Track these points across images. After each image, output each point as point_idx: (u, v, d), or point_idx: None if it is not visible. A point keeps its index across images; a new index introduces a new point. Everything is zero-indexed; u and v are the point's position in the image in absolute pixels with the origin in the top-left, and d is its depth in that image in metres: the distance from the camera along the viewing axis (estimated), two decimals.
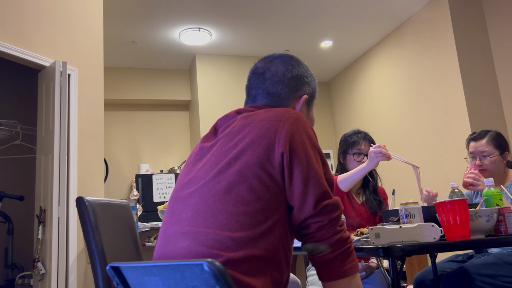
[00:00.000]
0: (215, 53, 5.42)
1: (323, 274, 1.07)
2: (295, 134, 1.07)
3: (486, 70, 4.20)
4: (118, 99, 5.50)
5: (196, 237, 1.00)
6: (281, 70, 1.25)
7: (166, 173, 5.12)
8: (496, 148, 2.14)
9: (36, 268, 2.82)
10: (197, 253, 0.98)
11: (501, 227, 1.57)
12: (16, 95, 4.57)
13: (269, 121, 1.09)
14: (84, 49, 3.46)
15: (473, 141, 2.20)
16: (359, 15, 4.67)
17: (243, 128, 1.11)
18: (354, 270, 1.07)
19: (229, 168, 1.05)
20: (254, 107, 1.22)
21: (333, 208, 1.07)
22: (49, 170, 2.92)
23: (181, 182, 1.16)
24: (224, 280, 0.84)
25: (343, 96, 6.21)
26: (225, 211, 1.01)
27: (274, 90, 1.23)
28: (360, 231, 1.61)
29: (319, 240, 1.06)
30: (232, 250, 0.97)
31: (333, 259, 1.06)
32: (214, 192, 1.04)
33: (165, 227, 1.11)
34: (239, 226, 0.99)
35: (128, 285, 1.07)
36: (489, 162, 2.12)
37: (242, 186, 1.02)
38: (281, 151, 1.04)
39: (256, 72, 1.27)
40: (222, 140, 1.13)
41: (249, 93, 1.28)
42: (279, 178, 1.05)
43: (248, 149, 1.06)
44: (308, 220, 1.05)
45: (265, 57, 1.30)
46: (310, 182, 1.05)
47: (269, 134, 1.06)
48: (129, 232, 1.59)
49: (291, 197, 1.06)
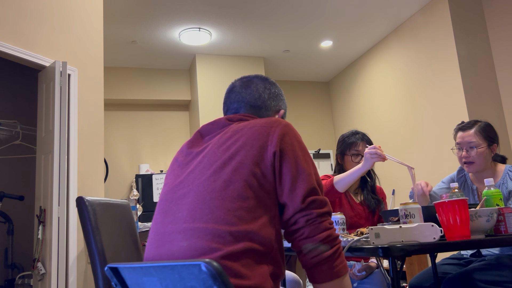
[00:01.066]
0: (215, 53, 5.42)
1: (316, 276, 1.08)
2: (285, 137, 1.14)
3: (486, 70, 4.20)
4: (118, 99, 5.50)
5: (194, 233, 1.02)
6: (261, 87, 1.37)
7: (166, 173, 5.12)
8: (484, 139, 2.02)
9: (36, 268, 2.82)
10: (196, 248, 1.00)
11: (501, 227, 1.57)
12: (16, 95, 4.57)
13: (261, 126, 1.16)
14: (84, 49, 3.46)
15: (461, 131, 2.07)
16: (359, 15, 4.67)
17: (235, 133, 1.17)
18: (345, 271, 1.09)
19: (224, 168, 1.09)
20: (245, 115, 1.28)
21: (321, 204, 1.10)
22: (49, 170, 2.92)
23: (170, 185, 1.18)
24: (221, 280, 0.84)
25: (343, 96, 6.21)
26: (223, 207, 1.04)
27: (256, 103, 1.33)
28: (360, 231, 1.61)
29: (308, 237, 1.07)
30: (232, 243, 0.99)
31: (325, 260, 1.07)
32: (210, 189, 1.07)
33: (158, 227, 1.12)
34: (236, 220, 1.02)
35: (127, 285, 1.07)
36: (476, 153, 2.01)
37: (238, 183, 1.06)
38: (273, 150, 1.11)
39: (234, 90, 1.38)
40: (213, 144, 1.18)
41: (229, 108, 1.36)
42: (271, 176, 1.10)
43: (242, 150, 1.11)
44: (297, 215, 1.09)
45: (241, 77, 1.42)
46: (299, 179, 1.10)
47: (262, 137, 1.13)
48: (129, 232, 1.59)
49: (281, 193, 1.10)
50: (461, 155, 2.05)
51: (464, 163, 2.06)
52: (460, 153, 2.07)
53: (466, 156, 2.03)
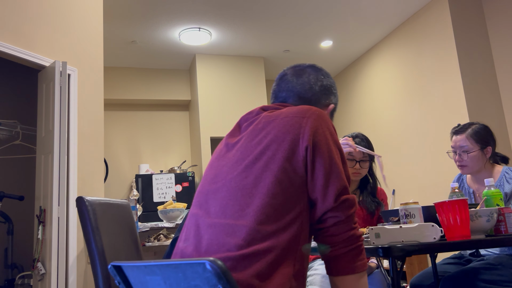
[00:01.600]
0: (215, 53, 5.42)
1: (332, 268, 1.09)
2: (319, 129, 1.11)
3: (486, 70, 4.20)
4: (118, 99, 5.50)
5: (224, 229, 1.03)
6: (313, 78, 1.30)
7: (166, 173, 5.12)
8: (476, 143, 2.05)
9: (36, 268, 2.82)
10: (223, 244, 1.01)
11: (501, 227, 1.57)
12: (16, 95, 4.57)
13: (292, 117, 1.13)
14: (84, 49, 3.46)
15: (455, 135, 2.12)
16: (359, 15, 4.67)
17: (267, 125, 1.14)
18: (363, 268, 1.09)
19: (255, 163, 1.09)
20: (280, 105, 1.25)
21: (351, 204, 1.10)
22: (49, 170, 2.92)
23: (207, 177, 1.19)
24: (226, 279, 0.83)
25: (343, 96, 6.21)
26: (252, 204, 1.04)
27: (306, 95, 1.28)
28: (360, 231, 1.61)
29: (332, 235, 1.08)
30: (258, 241, 1.00)
31: (344, 254, 1.07)
32: (241, 186, 1.07)
33: (193, 219, 1.14)
34: (264, 218, 1.02)
35: (130, 284, 1.07)
36: (468, 158, 2.04)
37: (268, 179, 1.06)
38: (306, 144, 1.08)
39: (286, 78, 1.32)
40: (247, 137, 1.17)
41: (277, 96, 1.31)
42: (302, 171, 1.08)
43: (273, 144, 1.09)
44: (328, 214, 1.08)
45: (294, 65, 1.35)
46: (332, 176, 1.08)
47: (294, 130, 1.10)
48: (129, 232, 1.59)
49: (313, 189, 1.09)
50: (455, 159, 2.11)
51: (458, 166, 2.11)
52: (454, 156, 2.12)
53: (460, 160, 2.08)
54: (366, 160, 2.24)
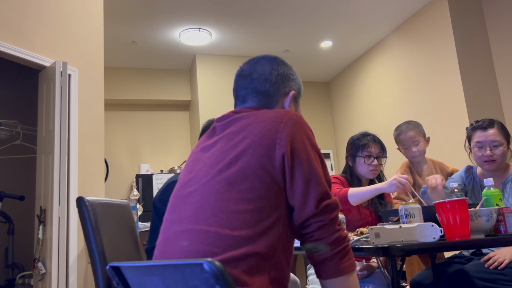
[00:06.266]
0: (215, 53, 5.42)
1: (321, 272, 1.09)
2: (296, 135, 1.09)
3: (486, 70, 4.20)
4: (118, 99, 5.50)
5: (196, 235, 1.02)
6: (267, 69, 1.27)
7: (166, 173, 5.12)
8: (504, 138, 2.02)
9: (37, 268, 2.82)
10: (197, 251, 0.99)
11: (501, 227, 1.57)
12: (16, 95, 4.57)
13: (269, 121, 1.11)
14: (85, 49, 3.46)
15: (481, 130, 2.03)
16: (359, 15, 4.67)
17: (244, 129, 1.12)
18: (351, 269, 1.09)
19: (230, 167, 1.07)
20: (249, 108, 1.23)
21: (333, 208, 1.09)
22: (50, 170, 2.93)
23: (182, 181, 1.17)
24: (224, 280, 0.84)
25: (343, 96, 6.21)
26: (226, 209, 1.02)
27: (262, 88, 1.25)
28: (360, 231, 1.61)
29: (318, 239, 1.07)
30: (233, 248, 0.98)
31: (331, 258, 1.07)
32: (215, 190, 1.05)
33: (167, 225, 1.12)
34: (239, 224, 1.00)
35: (128, 284, 1.07)
36: (500, 152, 1.99)
37: (243, 185, 1.04)
38: (282, 151, 1.06)
39: (242, 74, 1.29)
40: (223, 140, 1.15)
41: (237, 95, 1.29)
42: (279, 178, 1.06)
43: (249, 149, 1.07)
44: (310, 220, 1.07)
45: (249, 59, 1.33)
46: (312, 182, 1.07)
47: (270, 135, 1.08)
48: (129, 232, 1.59)
49: (292, 196, 1.07)
50: (483, 154, 2.02)
51: (485, 161, 2.03)
52: (481, 151, 2.03)
53: (490, 155, 2.00)
54: (382, 156, 2.26)
